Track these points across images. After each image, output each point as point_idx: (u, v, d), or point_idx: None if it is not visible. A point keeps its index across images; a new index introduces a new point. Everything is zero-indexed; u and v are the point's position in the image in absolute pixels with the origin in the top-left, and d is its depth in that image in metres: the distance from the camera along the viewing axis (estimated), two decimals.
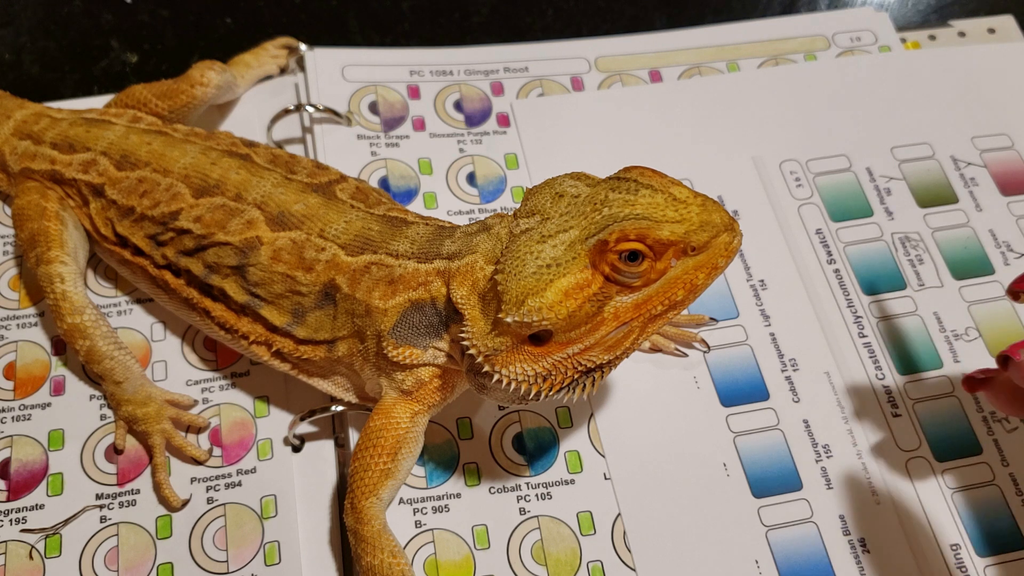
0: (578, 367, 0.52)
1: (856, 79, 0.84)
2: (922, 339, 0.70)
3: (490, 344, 0.52)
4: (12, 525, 0.62)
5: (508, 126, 0.81)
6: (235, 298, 0.62)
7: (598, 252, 0.49)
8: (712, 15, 0.93)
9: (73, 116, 0.72)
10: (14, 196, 0.71)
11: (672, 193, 0.50)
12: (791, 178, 0.78)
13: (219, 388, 0.68)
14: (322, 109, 0.78)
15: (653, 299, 0.51)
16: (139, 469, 0.65)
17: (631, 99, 0.83)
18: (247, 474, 0.64)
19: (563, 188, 0.53)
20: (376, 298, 0.57)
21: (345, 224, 0.60)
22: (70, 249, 0.68)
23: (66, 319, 0.65)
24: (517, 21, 0.94)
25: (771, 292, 0.72)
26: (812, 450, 0.65)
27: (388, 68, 0.83)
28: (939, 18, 0.92)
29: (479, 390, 0.56)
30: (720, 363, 0.69)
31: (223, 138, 0.68)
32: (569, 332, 0.51)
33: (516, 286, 0.50)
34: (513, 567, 0.61)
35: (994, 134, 0.81)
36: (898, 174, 0.79)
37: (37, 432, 0.66)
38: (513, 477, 0.64)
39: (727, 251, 0.50)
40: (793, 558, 0.61)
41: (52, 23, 0.91)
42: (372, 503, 0.57)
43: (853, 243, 0.75)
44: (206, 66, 0.75)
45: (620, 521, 0.62)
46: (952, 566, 0.61)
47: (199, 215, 0.62)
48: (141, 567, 0.61)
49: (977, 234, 0.76)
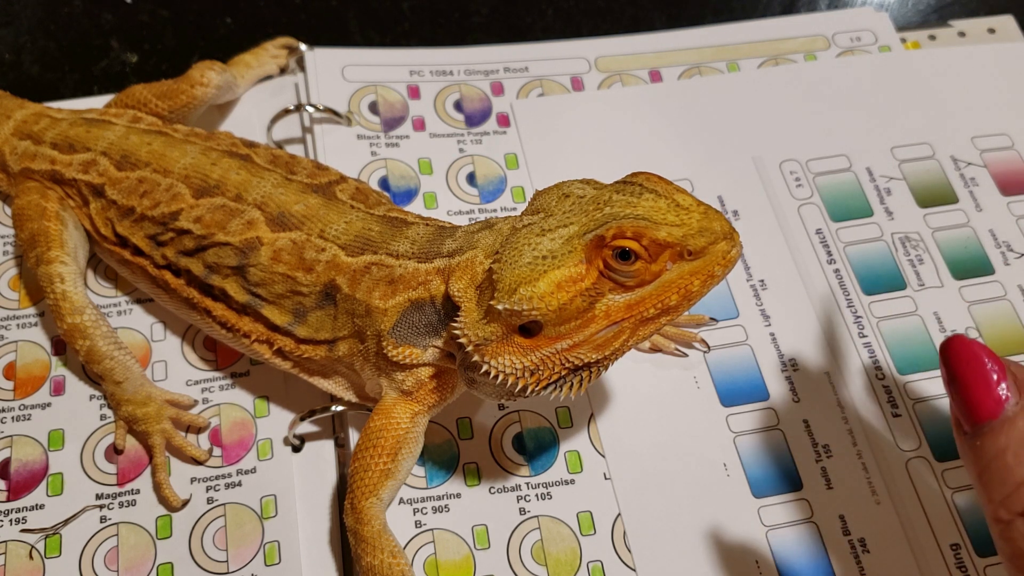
0: (566, 364, 0.52)
1: (856, 79, 0.84)
2: (922, 339, 0.70)
3: (480, 333, 0.52)
4: (12, 525, 0.62)
5: (508, 126, 0.81)
6: (236, 298, 0.62)
7: (594, 247, 0.50)
8: (712, 15, 0.93)
9: (73, 116, 0.72)
10: (14, 196, 0.71)
11: (676, 199, 0.51)
12: (791, 178, 0.78)
13: (219, 388, 0.68)
14: (322, 109, 0.78)
15: (646, 301, 0.51)
16: (139, 469, 0.65)
17: (631, 99, 0.83)
18: (247, 474, 0.64)
19: (570, 190, 0.54)
20: (376, 298, 0.57)
21: (345, 225, 0.60)
22: (70, 249, 0.68)
23: (66, 319, 0.65)
24: (517, 21, 0.94)
25: (771, 292, 0.72)
26: (812, 450, 0.65)
27: (388, 68, 0.83)
28: (939, 18, 0.92)
29: (469, 384, 0.56)
30: (720, 363, 0.69)
31: (223, 138, 0.68)
32: (559, 326, 0.51)
33: (510, 274, 0.50)
34: (513, 567, 0.61)
35: (994, 134, 0.81)
36: (898, 174, 0.79)
37: (37, 432, 0.66)
38: (513, 477, 0.64)
39: (724, 260, 0.50)
40: (793, 558, 0.61)
41: (52, 23, 0.91)
42: (372, 503, 0.57)
43: (853, 243, 0.75)
44: (206, 66, 0.75)
45: (620, 521, 0.62)
46: (952, 566, 0.61)
47: (199, 215, 0.62)
48: (141, 567, 0.61)
49: (977, 234, 0.76)
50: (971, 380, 0.44)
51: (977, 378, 0.44)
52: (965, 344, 0.44)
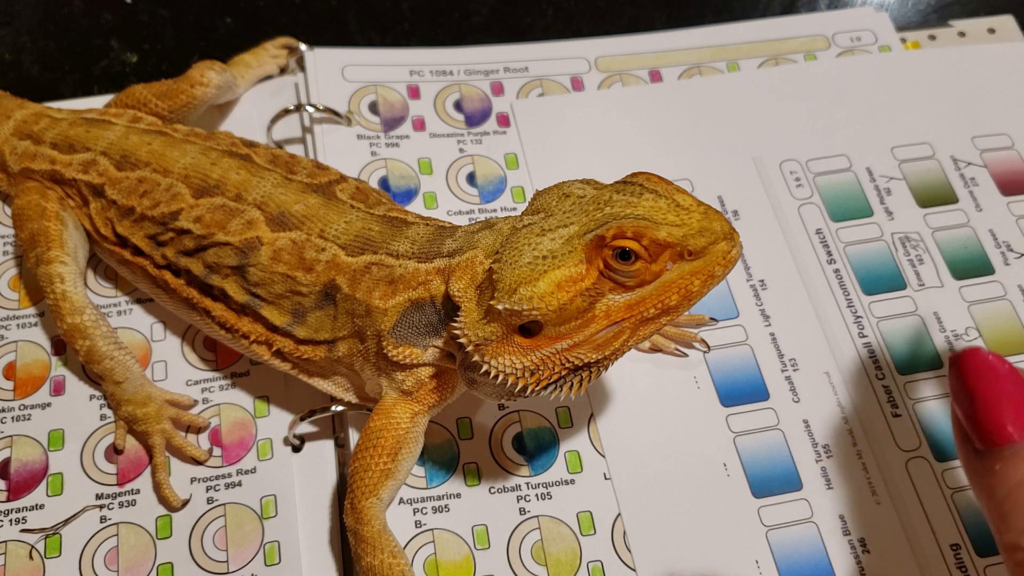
0: (566, 364, 0.52)
1: (856, 79, 0.84)
2: (922, 339, 0.70)
3: (480, 333, 0.52)
4: (12, 525, 0.62)
5: (508, 126, 0.81)
6: (235, 298, 0.62)
7: (594, 247, 0.50)
8: (712, 15, 0.93)
9: (73, 116, 0.72)
10: (14, 196, 0.71)
11: (676, 200, 0.51)
12: (791, 178, 0.78)
13: (219, 388, 0.68)
14: (322, 109, 0.78)
15: (646, 301, 0.51)
16: (139, 469, 0.65)
17: (631, 99, 0.83)
18: (247, 474, 0.64)
19: (570, 190, 0.54)
20: (376, 298, 0.57)
21: (345, 224, 0.60)
22: (70, 249, 0.68)
23: (66, 319, 0.65)
24: (517, 21, 0.94)
25: (771, 292, 0.72)
26: (812, 450, 0.65)
27: (388, 68, 0.83)
28: (939, 18, 0.92)
29: (469, 385, 0.56)
30: (720, 363, 0.69)
31: (223, 138, 0.68)
32: (559, 326, 0.51)
33: (510, 274, 0.50)
34: (513, 567, 0.61)
35: (994, 134, 0.81)
36: (898, 174, 0.79)
37: (37, 432, 0.66)
38: (513, 477, 0.64)
39: (724, 260, 0.50)
40: (793, 558, 0.61)
41: (52, 23, 0.91)
42: (372, 503, 0.57)
43: (853, 243, 0.75)
44: (206, 66, 0.75)
45: (620, 521, 0.62)
46: (952, 566, 0.61)
47: (199, 215, 0.62)
48: (141, 567, 0.61)
49: (977, 234, 0.76)
50: (992, 400, 0.41)
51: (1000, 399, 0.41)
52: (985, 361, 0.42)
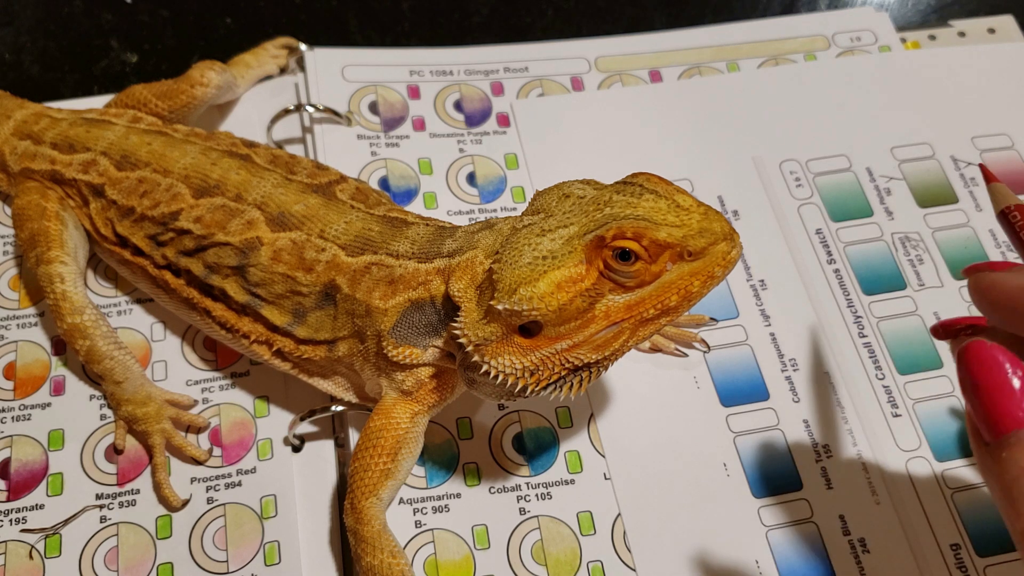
0: (565, 364, 0.52)
1: (856, 79, 0.84)
2: (922, 339, 0.70)
3: (480, 333, 0.52)
4: (12, 525, 0.62)
5: (508, 126, 0.81)
6: (235, 298, 0.62)
7: (594, 248, 0.50)
8: (712, 15, 0.93)
9: (73, 116, 0.72)
10: (14, 196, 0.71)
11: (676, 200, 0.51)
12: (791, 178, 0.78)
13: (219, 388, 0.68)
14: (322, 109, 0.78)
15: (646, 302, 0.51)
16: (139, 469, 0.65)
17: (631, 99, 0.83)
18: (247, 474, 0.64)
19: (571, 190, 0.54)
20: (376, 298, 0.57)
21: (345, 225, 0.60)
22: (70, 249, 0.68)
23: (66, 319, 0.65)
24: (517, 21, 0.94)
25: (771, 292, 0.72)
26: (812, 450, 0.65)
27: (388, 68, 0.83)
28: (939, 18, 0.92)
29: (469, 385, 0.56)
30: (720, 363, 0.69)
31: (223, 138, 0.68)
32: (559, 326, 0.51)
33: (510, 275, 0.50)
34: (513, 567, 0.61)
35: (994, 134, 0.81)
36: (898, 174, 0.79)
37: (37, 432, 0.66)
38: (513, 477, 0.64)
39: (724, 260, 0.50)
40: (793, 558, 0.61)
41: (52, 23, 0.91)
42: (372, 503, 0.57)
43: (853, 243, 0.75)
44: (206, 66, 0.75)
45: (620, 521, 0.62)
46: (952, 566, 0.61)
47: (199, 215, 0.62)
48: (141, 567, 0.61)
49: (977, 234, 0.76)
50: (995, 389, 0.41)
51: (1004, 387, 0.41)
52: (985, 349, 0.41)
